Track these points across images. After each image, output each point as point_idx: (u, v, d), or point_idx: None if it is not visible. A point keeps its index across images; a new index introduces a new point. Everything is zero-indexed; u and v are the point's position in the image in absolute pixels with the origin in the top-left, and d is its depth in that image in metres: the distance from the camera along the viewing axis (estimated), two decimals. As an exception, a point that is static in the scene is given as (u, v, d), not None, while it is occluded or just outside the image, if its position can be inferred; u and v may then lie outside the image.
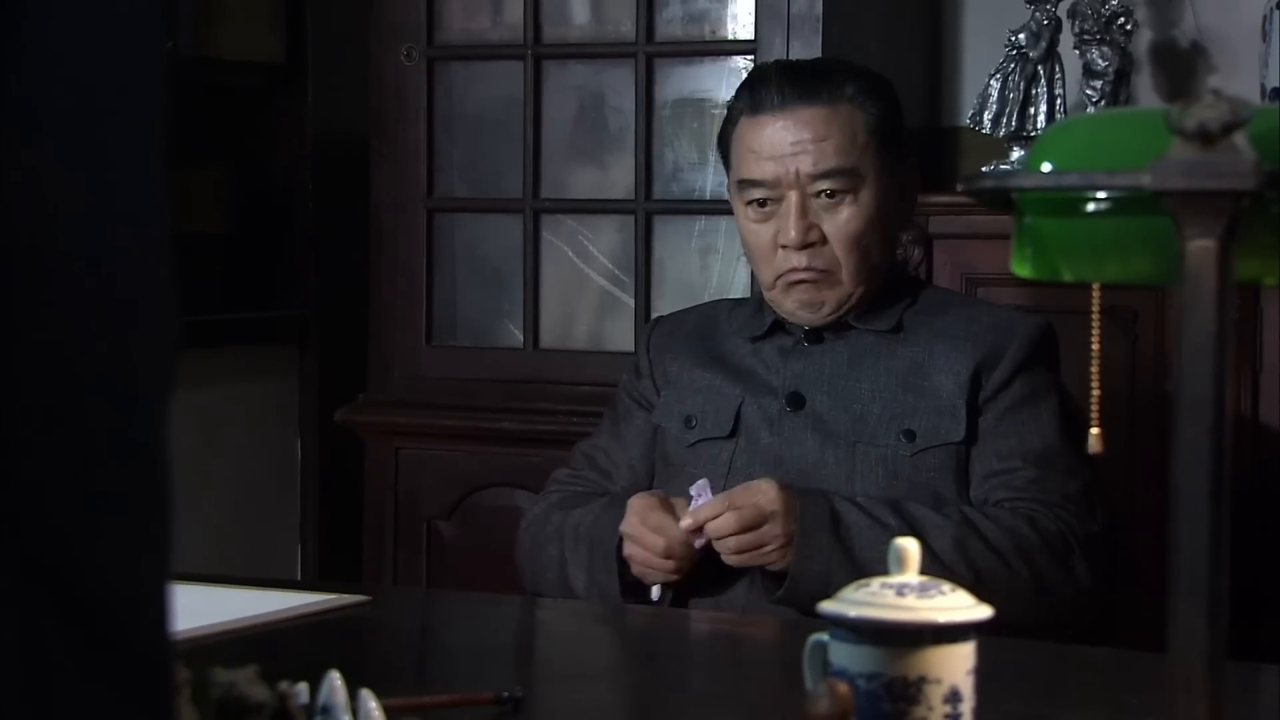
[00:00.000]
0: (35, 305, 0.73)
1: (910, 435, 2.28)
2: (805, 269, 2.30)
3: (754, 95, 2.34)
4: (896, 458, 2.27)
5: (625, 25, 3.27)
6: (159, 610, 0.78)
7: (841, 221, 2.30)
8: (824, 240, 2.30)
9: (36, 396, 0.73)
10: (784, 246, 2.30)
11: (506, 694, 1.56)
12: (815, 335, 2.36)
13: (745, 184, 2.33)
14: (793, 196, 2.30)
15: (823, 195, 2.30)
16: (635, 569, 2.18)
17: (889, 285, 2.37)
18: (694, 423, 2.38)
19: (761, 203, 2.32)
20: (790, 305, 2.34)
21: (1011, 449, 2.26)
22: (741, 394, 2.36)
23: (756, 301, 2.44)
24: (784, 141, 2.30)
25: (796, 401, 2.33)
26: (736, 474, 2.29)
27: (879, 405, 2.31)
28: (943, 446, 2.27)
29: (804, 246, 2.29)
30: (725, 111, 2.43)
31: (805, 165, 2.29)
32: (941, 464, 2.27)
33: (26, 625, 0.73)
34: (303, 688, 1.39)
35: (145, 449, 0.77)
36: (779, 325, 2.39)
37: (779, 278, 2.32)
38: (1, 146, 0.72)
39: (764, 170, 2.31)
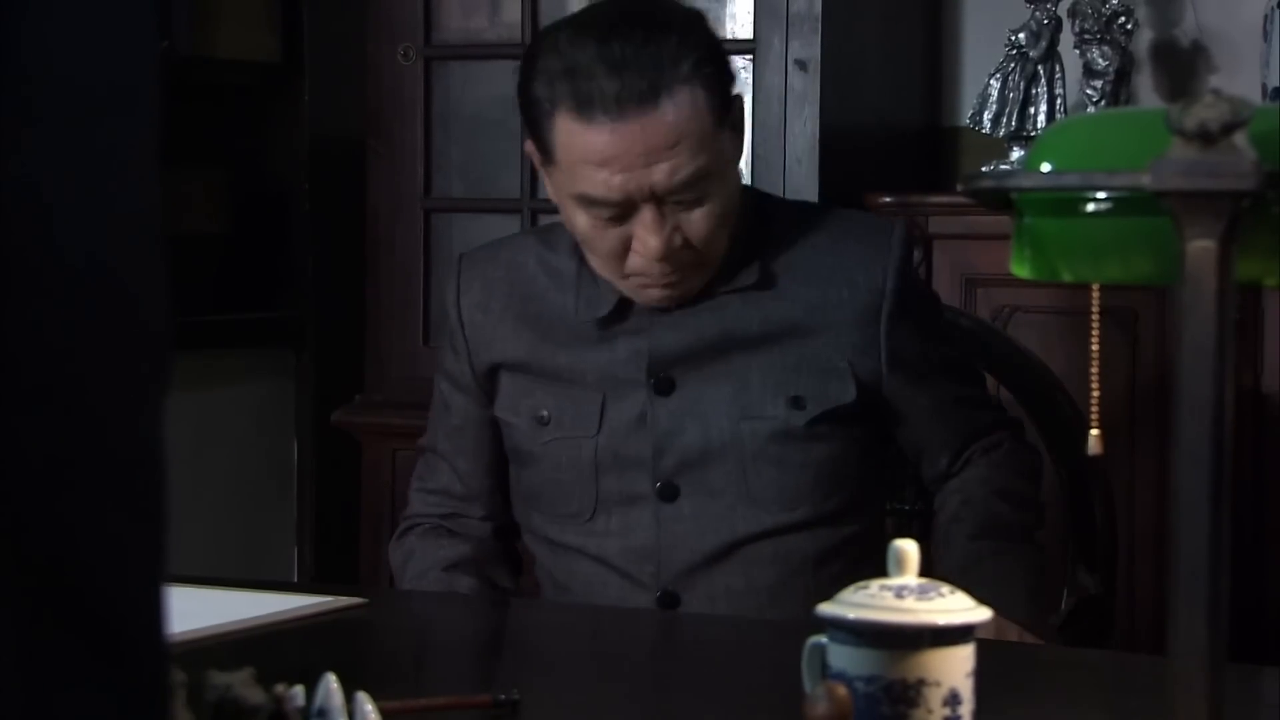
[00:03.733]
0: (26, 304, 0.73)
1: (799, 402, 2.13)
2: (666, 275, 2.08)
3: (575, 88, 2.03)
4: (788, 430, 2.12)
5: (623, 25, 3.26)
6: (154, 613, 0.77)
7: (698, 218, 2.06)
8: (684, 241, 2.07)
9: (28, 397, 0.73)
10: (637, 253, 2.07)
11: (504, 696, 1.56)
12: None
13: (586, 200, 2.06)
14: (647, 211, 2.04)
15: (678, 200, 2.05)
16: None
17: (742, 226, 2.14)
18: (548, 420, 2.17)
19: (605, 214, 2.06)
20: (644, 299, 2.13)
21: (935, 427, 2.19)
22: (601, 387, 2.15)
23: (589, 272, 2.16)
24: (628, 154, 2.02)
25: (665, 386, 2.14)
26: (606, 471, 2.14)
27: (759, 374, 2.14)
28: (835, 410, 2.12)
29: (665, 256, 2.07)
30: (524, 80, 2.10)
31: (660, 179, 2.02)
32: (837, 432, 2.13)
33: (19, 629, 0.72)
34: (299, 690, 1.39)
35: (139, 450, 0.77)
36: (625, 303, 2.15)
37: (630, 276, 2.10)
38: None
39: (610, 188, 2.03)
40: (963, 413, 2.21)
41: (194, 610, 1.86)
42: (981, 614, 1.38)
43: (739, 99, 2.14)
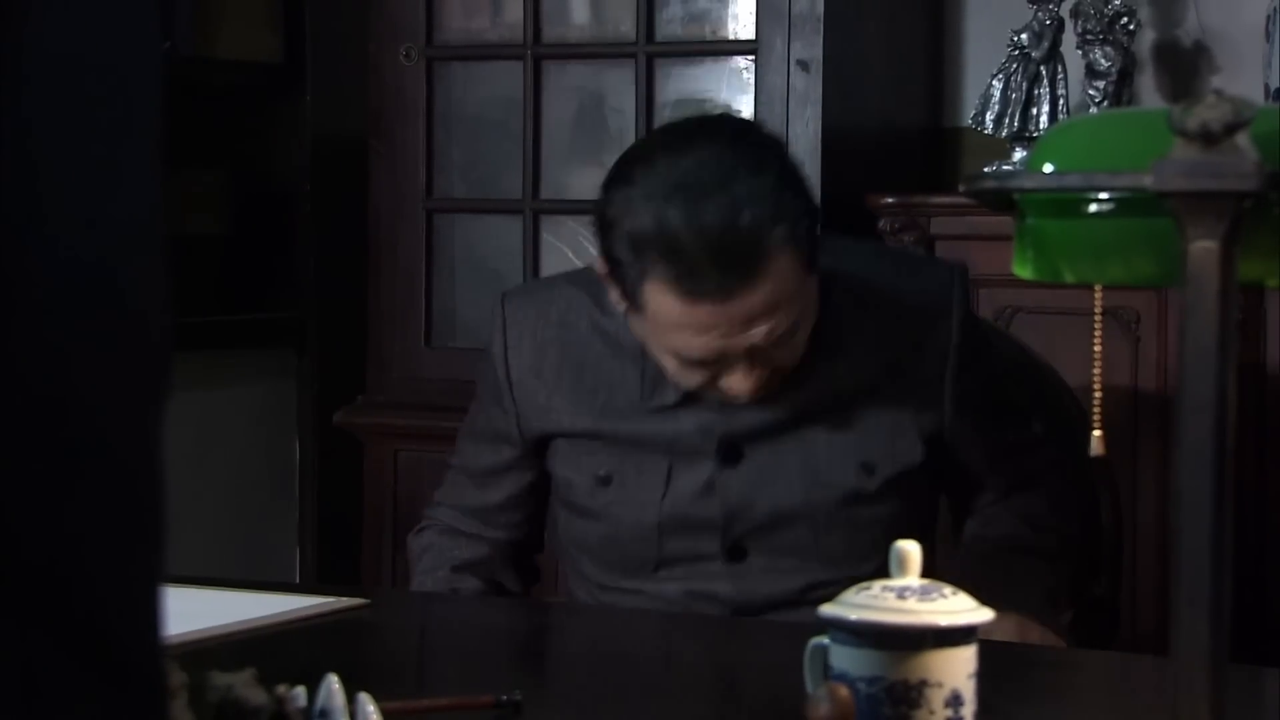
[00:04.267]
0: (24, 312, 0.72)
1: (868, 468, 2.10)
2: (752, 400, 2.05)
3: (675, 271, 1.94)
4: (859, 494, 2.09)
5: (625, 25, 3.26)
6: (150, 620, 0.77)
7: (788, 351, 2.03)
8: (772, 370, 2.03)
9: (24, 400, 0.72)
10: (726, 390, 2.03)
11: (506, 697, 1.56)
12: None
13: (676, 354, 2.00)
14: (742, 364, 2.00)
15: (770, 347, 2.00)
16: None
17: None
18: (609, 480, 2.13)
19: (696, 362, 2.01)
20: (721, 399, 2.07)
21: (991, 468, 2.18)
22: (668, 455, 2.10)
23: (651, 364, 2.09)
24: (728, 324, 1.96)
25: (733, 456, 2.10)
26: (670, 534, 2.10)
27: (826, 441, 2.10)
28: (904, 472, 2.10)
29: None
30: (605, 228, 2.00)
31: (757, 340, 1.97)
32: (905, 490, 2.11)
33: (16, 642, 0.72)
34: (301, 691, 1.39)
35: (138, 459, 0.76)
36: (691, 395, 2.09)
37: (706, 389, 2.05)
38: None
39: (706, 351, 1.98)
40: (1015, 460, 2.20)
41: (196, 611, 1.86)
42: (984, 615, 1.38)
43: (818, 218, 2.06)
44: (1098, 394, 1.28)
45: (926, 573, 2.17)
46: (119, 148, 0.76)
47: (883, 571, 2.09)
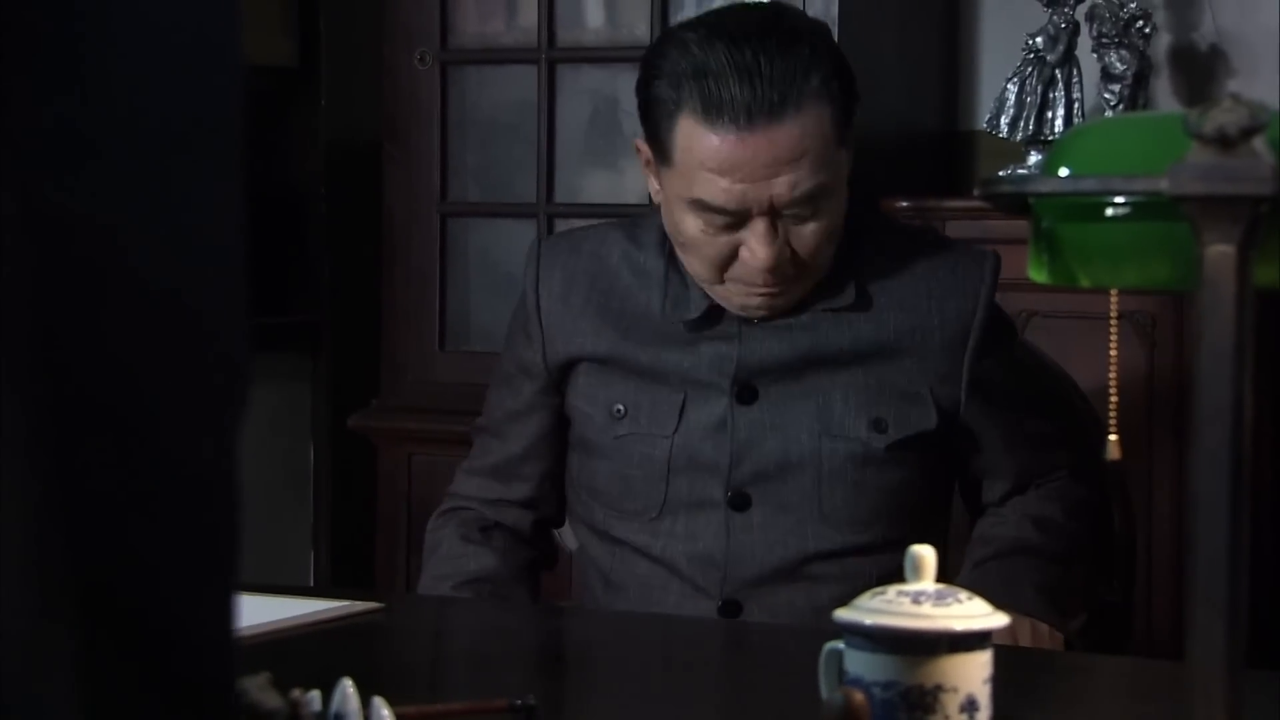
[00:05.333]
0: (98, 331, 0.72)
1: (880, 425, 2.12)
2: (769, 284, 2.06)
3: (705, 96, 2.00)
4: (868, 452, 2.10)
5: (639, 28, 3.26)
6: (223, 639, 0.77)
7: (809, 233, 2.05)
8: (791, 254, 2.05)
9: (99, 426, 0.72)
10: (744, 261, 2.05)
11: (520, 701, 1.55)
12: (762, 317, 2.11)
13: (701, 205, 2.04)
14: (761, 223, 2.02)
15: (793, 213, 2.04)
16: None
17: (842, 243, 2.11)
18: (623, 413, 2.15)
19: (719, 221, 2.05)
20: (739, 304, 2.10)
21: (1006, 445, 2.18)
22: (683, 388, 2.13)
23: (677, 272, 2.14)
24: (752, 163, 2.00)
25: (748, 395, 2.12)
26: (678, 473, 2.12)
27: (842, 393, 2.12)
28: (916, 436, 2.11)
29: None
30: (647, 78, 2.07)
31: (780, 191, 2.01)
32: (914, 459, 2.11)
33: (85, 661, 0.72)
34: (315, 695, 1.39)
35: (212, 478, 0.76)
36: (715, 309, 2.12)
37: (730, 282, 2.08)
38: (57, 173, 0.71)
39: (729, 197, 2.01)
40: (1030, 450, 2.19)
41: (210, 615, 1.86)
42: (999, 620, 1.37)
43: (856, 112, 2.10)
44: (1113, 398, 1.27)
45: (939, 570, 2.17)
46: (197, 171, 0.76)
47: (883, 541, 2.13)
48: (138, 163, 0.73)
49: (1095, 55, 3.14)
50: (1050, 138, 3.12)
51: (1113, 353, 1.21)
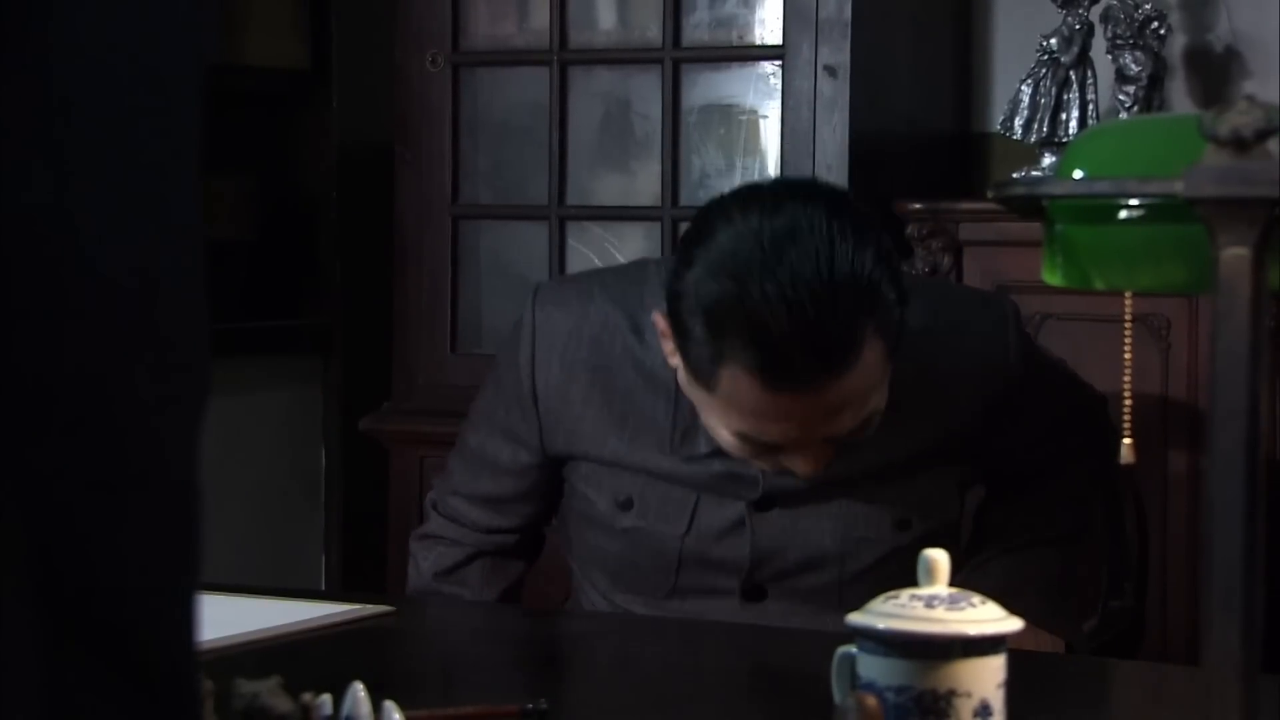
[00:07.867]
0: (56, 328, 0.72)
1: (904, 524, 2.02)
2: (808, 478, 1.93)
3: (765, 361, 1.78)
4: (894, 548, 2.00)
5: (652, 30, 3.26)
6: (185, 638, 0.77)
7: (858, 432, 1.90)
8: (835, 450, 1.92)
9: (58, 421, 0.72)
10: (785, 467, 1.92)
11: (531, 706, 1.55)
12: None
13: (745, 436, 1.87)
14: (812, 447, 1.88)
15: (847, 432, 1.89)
16: None
17: None
18: (631, 505, 2.03)
19: (764, 444, 1.88)
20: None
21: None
22: (695, 489, 2.01)
23: (684, 411, 1.98)
24: (811, 415, 1.83)
25: (765, 504, 2.01)
26: (689, 567, 2.03)
27: (866, 500, 2.01)
28: (941, 526, 2.04)
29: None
30: (683, 303, 1.84)
31: (836, 430, 1.86)
32: (936, 537, 1.96)
33: (47, 654, 0.72)
34: (326, 699, 1.39)
35: (173, 473, 0.76)
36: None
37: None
38: (15, 177, 0.71)
39: (781, 436, 1.86)
40: (1042, 449, 2.15)
41: (221, 618, 1.85)
42: (1013, 624, 1.37)
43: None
44: (1127, 401, 1.27)
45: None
46: (152, 165, 0.76)
47: None
48: (99, 152, 0.73)
49: (1110, 57, 3.13)
50: (1064, 140, 3.11)
51: (1127, 356, 1.20)
